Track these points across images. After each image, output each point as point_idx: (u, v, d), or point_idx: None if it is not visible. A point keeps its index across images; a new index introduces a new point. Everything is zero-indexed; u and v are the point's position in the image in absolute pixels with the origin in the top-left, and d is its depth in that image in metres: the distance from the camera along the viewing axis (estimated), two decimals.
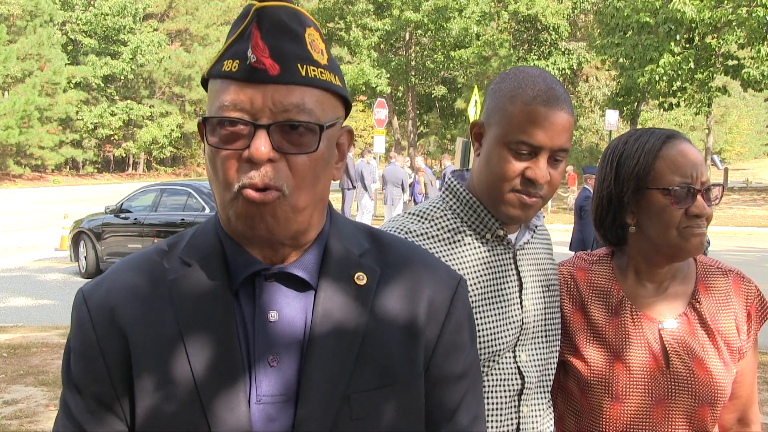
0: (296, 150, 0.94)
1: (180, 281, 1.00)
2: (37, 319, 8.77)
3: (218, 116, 0.94)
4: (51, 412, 5.09)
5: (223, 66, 0.95)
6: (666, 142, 1.52)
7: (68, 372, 1.03)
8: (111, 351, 0.98)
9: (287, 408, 0.96)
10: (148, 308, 0.99)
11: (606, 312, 1.57)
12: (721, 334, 1.54)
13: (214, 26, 50.67)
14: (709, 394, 1.49)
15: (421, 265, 1.09)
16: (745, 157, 72.12)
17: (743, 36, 23.91)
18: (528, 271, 1.50)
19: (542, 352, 1.50)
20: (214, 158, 0.96)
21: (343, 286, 1.01)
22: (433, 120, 43.23)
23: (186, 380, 0.95)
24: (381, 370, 0.99)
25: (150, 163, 51.36)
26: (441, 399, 1.05)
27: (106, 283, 1.04)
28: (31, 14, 41.96)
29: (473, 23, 33.13)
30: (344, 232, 1.07)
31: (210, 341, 0.96)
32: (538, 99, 1.36)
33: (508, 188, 1.39)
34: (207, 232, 1.05)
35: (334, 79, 0.99)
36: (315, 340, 0.98)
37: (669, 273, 1.58)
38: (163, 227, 10.76)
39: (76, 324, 1.02)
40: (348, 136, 1.06)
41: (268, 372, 0.97)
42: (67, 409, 1.02)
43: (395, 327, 1.02)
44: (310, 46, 0.96)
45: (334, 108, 1.00)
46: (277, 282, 1.00)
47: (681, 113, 37.38)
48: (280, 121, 0.93)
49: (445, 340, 1.05)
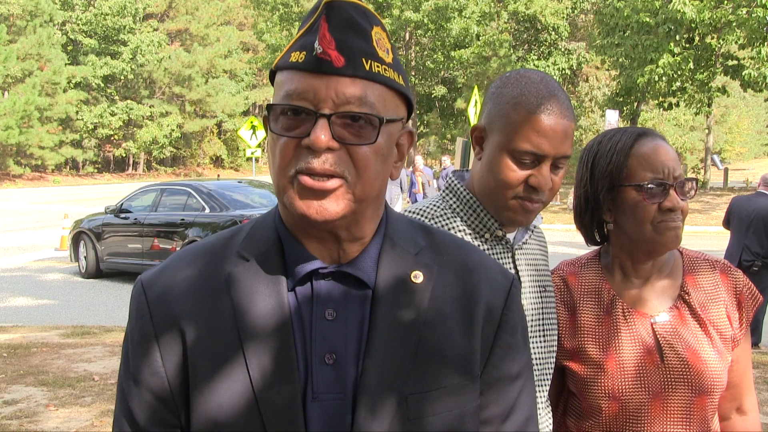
0: (356, 141, 0.95)
1: (238, 276, 1.01)
2: (37, 319, 8.77)
3: (282, 104, 0.95)
4: (51, 412, 5.10)
5: (291, 57, 0.97)
6: (637, 139, 1.55)
7: (126, 362, 1.03)
8: (167, 342, 0.99)
9: (344, 406, 0.96)
10: (206, 302, 1.00)
11: (599, 312, 1.59)
12: (713, 324, 1.56)
13: (214, 26, 50.68)
14: (705, 384, 1.51)
15: (476, 264, 1.09)
16: (745, 157, 72.11)
17: (743, 36, 23.90)
18: (526, 271, 1.51)
19: (540, 352, 1.50)
20: (275, 145, 0.97)
21: (400, 285, 1.02)
22: (433, 120, 43.22)
23: (241, 376, 0.96)
24: (437, 371, 0.99)
25: (150, 163, 51.35)
26: (497, 400, 1.05)
27: (165, 275, 1.04)
28: (31, 14, 41.97)
29: (473, 23, 33.13)
30: (400, 230, 1.07)
31: (266, 338, 0.97)
32: (542, 108, 1.36)
33: (511, 195, 1.40)
34: (266, 227, 1.06)
35: (398, 78, 1.00)
36: (373, 340, 0.98)
37: (654, 268, 1.60)
38: (163, 227, 10.75)
39: (136, 315, 1.03)
40: (408, 137, 1.06)
41: (324, 369, 0.97)
42: (123, 398, 1.02)
43: (451, 327, 1.02)
44: (376, 43, 0.98)
45: (395, 106, 1.00)
46: (333, 281, 1.01)
47: (681, 113, 37.35)
48: (341, 112, 0.94)
49: (501, 341, 1.05)
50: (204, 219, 10.23)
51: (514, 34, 36.18)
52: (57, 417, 4.99)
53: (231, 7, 51.36)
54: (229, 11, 51.64)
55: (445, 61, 35.64)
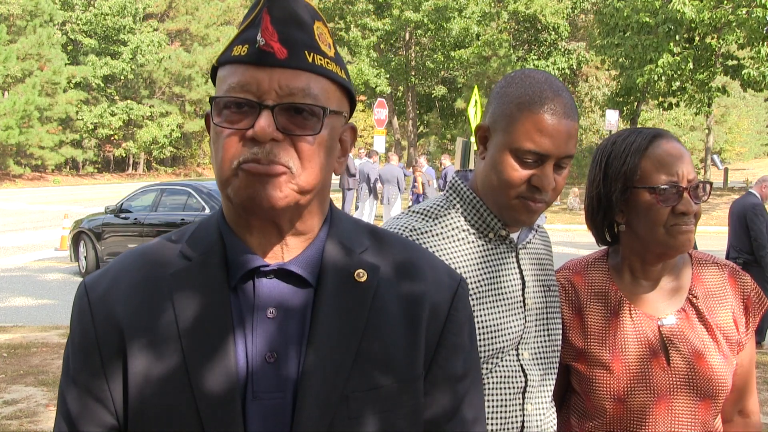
0: (300, 131, 0.95)
1: (179, 276, 1.01)
2: (37, 319, 8.77)
3: (225, 96, 0.95)
4: (51, 412, 5.09)
5: (233, 51, 0.97)
6: (652, 141, 1.53)
7: (67, 363, 1.03)
8: (108, 345, 0.99)
9: (284, 405, 0.96)
10: (147, 303, 1.00)
11: (605, 313, 1.59)
12: (720, 328, 1.56)
13: (214, 26, 50.65)
14: (710, 387, 1.51)
15: (422, 264, 1.09)
16: (745, 157, 72.11)
17: (743, 36, 23.90)
18: (530, 270, 1.51)
19: (545, 351, 1.50)
20: (218, 138, 0.97)
21: (343, 284, 1.01)
22: (433, 120, 43.24)
23: (179, 376, 0.96)
24: (380, 370, 0.99)
25: (150, 163, 51.33)
26: (442, 400, 1.05)
27: (108, 277, 1.04)
28: (31, 14, 41.94)
29: (473, 23, 33.15)
30: (344, 229, 1.07)
31: (206, 337, 0.97)
32: (546, 107, 1.36)
33: (514, 194, 1.39)
34: (209, 226, 1.06)
35: (340, 72, 1.01)
36: (314, 338, 0.97)
37: (664, 270, 1.60)
38: (163, 227, 10.74)
39: (77, 317, 1.03)
40: (351, 133, 1.07)
41: (265, 368, 0.96)
42: (63, 399, 1.03)
43: (395, 326, 1.01)
44: (318, 37, 0.98)
45: (338, 100, 1.02)
46: (276, 278, 1.00)
47: (681, 113, 37.36)
48: (285, 103, 0.94)
49: (446, 340, 1.05)
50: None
51: (514, 34, 36.19)
52: None
53: (231, 7, 51.33)
54: (229, 11, 51.60)
55: (445, 61, 35.65)
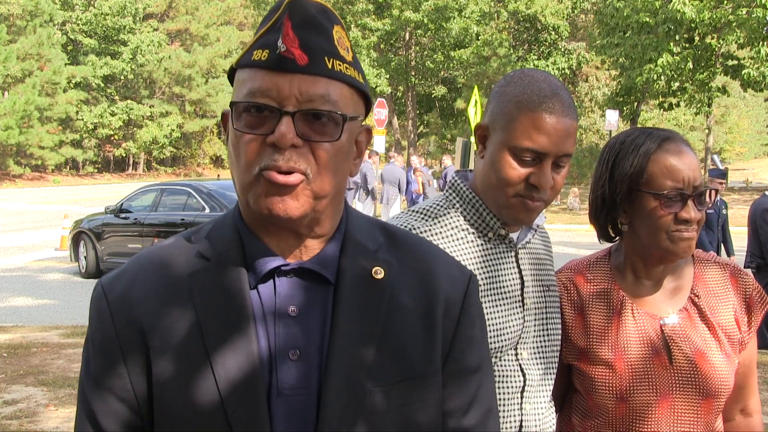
0: (319, 138, 0.96)
1: (198, 276, 1.01)
2: (37, 319, 8.77)
3: (245, 101, 0.96)
4: (51, 412, 5.09)
5: (253, 56, 0.98)
6: (661, 144, 1.52)
7: (87, 365, 1.03)
8: (129, 346, 0.99)
9: (309, 402, 0.97)
10: (167, 303, 1.00)
11: (608, 313, 1.59)
12: (722, 327, 1.56)
13: (214, 26, 50.62)
14: (712, 386, 1.51)
15: (434, 260, 1.11)
16: (745, 157, 72.15)
17: (743, 36, 23.90)
18: (529, 270, 1.51)
19: (543, 351, 1.50)
20: (238, 143, 0.97)
21: (362, 281, 1.03)
22: (433, 120, 43.26)
23: (205, 375, 0.96)
24: (400, 365, 1.01)
25: (150, 163, 51.32)
26: (458, 392, 1.07)
27: (125, 277, 1.04)
28: (31, 14, 41.94)
29: (473, 23, 33.14)
30: (359, 227, 1.09)
31: (229, 337, 0.97)
32: (544, 106, 1.36)
33: (512, 193, 1.40)
34: (225, 226, 1.06)
35: (358, 77, 1.02)
36: (336, 335, 0.99)
37: (666, 270, 1.60)
38: (163, 227, 10.75)
39: (96, 317, 1.03)
40: (366, 134, 1.08)
41: (289, 366, 0.98)
42: (85, 400, 1.02)
43: (412, 321, 1.04)
44: (337, 42, 0.99)
45: (355, 104, 1.03)
46: (296, 277, 1.02)
47: (681, 113, 37.36)
48: (305, 110, 0.95)
49: (460, 334, 1.07)
50: (204, 219, 10.20)
51: (514, 34, 36.20)
52: (57, 417, 4.99)
53: (231, 7, 51.32)
54: (229, 11, 51.60)
55: (445, 61, 35.65)
